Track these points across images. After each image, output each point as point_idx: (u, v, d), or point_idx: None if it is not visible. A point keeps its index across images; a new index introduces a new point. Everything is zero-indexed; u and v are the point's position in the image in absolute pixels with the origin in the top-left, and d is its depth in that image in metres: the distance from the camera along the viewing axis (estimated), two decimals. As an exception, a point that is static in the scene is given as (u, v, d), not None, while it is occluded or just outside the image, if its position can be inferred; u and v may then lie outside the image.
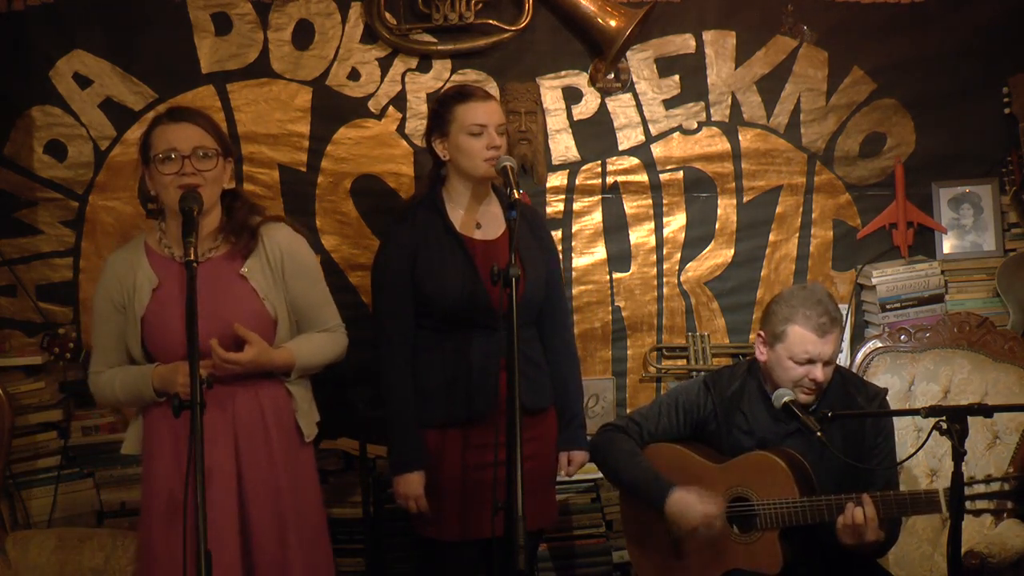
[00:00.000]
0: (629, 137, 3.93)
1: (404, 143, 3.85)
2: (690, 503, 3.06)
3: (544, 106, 3.88)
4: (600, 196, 3.94)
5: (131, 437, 2.98)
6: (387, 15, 3.77)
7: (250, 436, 2.85)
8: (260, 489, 2.84)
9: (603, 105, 3.92)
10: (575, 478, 3.47)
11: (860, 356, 3.80)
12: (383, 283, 3.17)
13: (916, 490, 2.99)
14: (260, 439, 2.86)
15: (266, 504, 2.84)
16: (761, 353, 3.14)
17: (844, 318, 3.76)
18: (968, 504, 2.72)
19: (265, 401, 2.89)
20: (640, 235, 3.96)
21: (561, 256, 3.80)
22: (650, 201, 3.96)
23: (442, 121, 3.12)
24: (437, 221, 3.14)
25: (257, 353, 2.82)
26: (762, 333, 3.14)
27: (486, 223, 3.16)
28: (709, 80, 3.94)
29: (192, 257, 2.61)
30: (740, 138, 3.97)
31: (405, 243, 3.14)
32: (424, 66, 3.83)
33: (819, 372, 3.04)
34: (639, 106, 3.92)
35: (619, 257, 3.97)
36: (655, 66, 3.91)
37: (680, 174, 3.96)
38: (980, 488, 2.78)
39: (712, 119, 3.96)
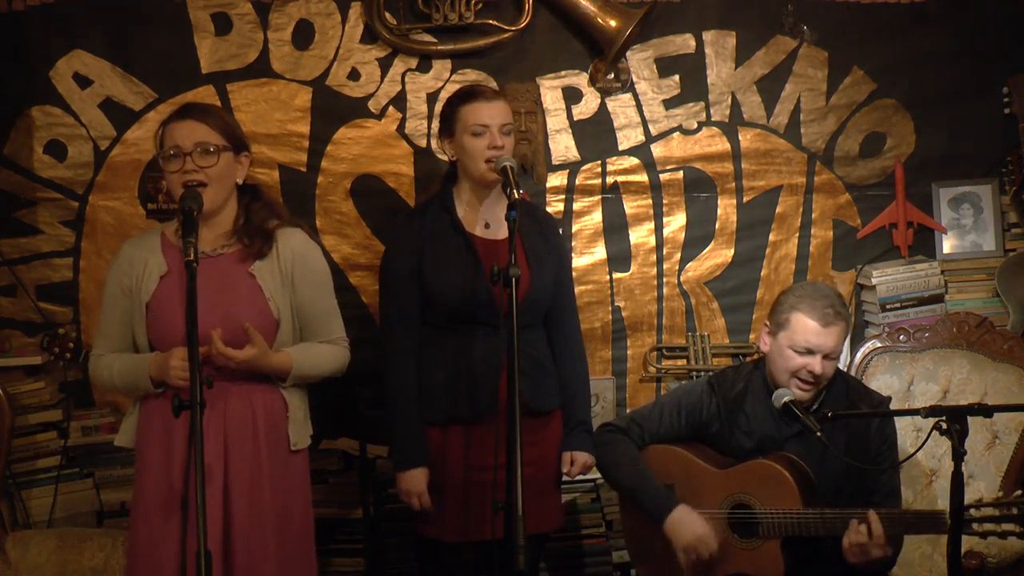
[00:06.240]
0: (629, 137, 3.94)
1: (404, 143, 3.85)
2: (689, 524, 3.05)
3: (544, 106, 3.88)
4: (600, 196, 3.94)
5: (125, 429, 2.96)
6: (387, 15, 3.77)
7: (239, 438, 2.84)
8: (244, 491, 2.83)
9: (603, 105, 3.92)
10: (576, 478, 3.46)
11: (859, 356, 3.80)
12: (390, 279, 3.19)
13: (922, 510, 3.00)
14: (249, 442, 2.85)
15: (248, 506, 2.83)
16: (764, 343, 3.15)
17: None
18: (975, 526, 2.73)
19: (258, 405, 2.88)
20: (640, 235, 3.97)
21: (562, 256, 3.80)
22: (650, 201, 3.96)
23: (448, 122, 3.15)
24: (445, 219, 3.16)
25: (255, 355, 2.80)
26: (767, 323, 3.15)
27: (494, 222, 3.17)
28: (709, 80, 3.94)
29: (192, 257, 2.60)
30: (740, 138, 3.97)
31: (413, 239, 3.16)
32: (424, 66, 3.83)
33: (817, 365, 3.03)
34: (639, 106, 3.92)
35: (619, 257, 3.97)
36: (655, 66, 3.91)
37: (680, 174, 3.96)
38: (988, 511, 2.77)
39: (712, 119, 3.96)
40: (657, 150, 3.95)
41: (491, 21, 3.78)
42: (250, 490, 2.84)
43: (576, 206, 3.93)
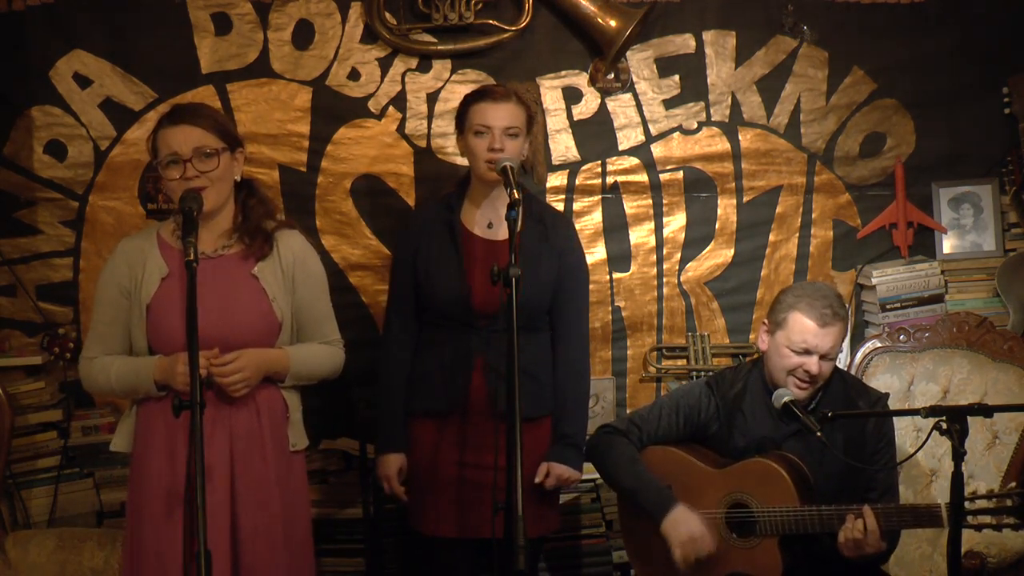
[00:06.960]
0: (629, 137, 3.93)
1: (404, 143, 3.85)
2: (685, 523, 3.05)
3: (544, 106, 3.88)
4: (600, 196, 3.94)
5: (122, 433, 2.93)
6: (387, 15, 3.77)
7: (246, 438, 2.83)
8: (251, 492, 2.82)
9: (603, 105, 3.92)
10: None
11: (859, 356, 3.80)
12: (392, 272, 3.33)
13: (918, 504, 2.99)
14: (255, 442, 2.84)
15: (256, 507, 2.82)
16: (763, 342, 3.15)
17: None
18: (970, 519, 2.73)
19: (262, 405, 2.87)
20: (640, 235, 3.96)
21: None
22: (650, 201, 3.96)
23: (460, 120, 3.20)
24: (445, 216, 3.20)
25: (247, 358, 2.79)
26: (766, 321, 3.16)
27: (496, 222, 3.18)
28: (709, 80, 3.94)
29: (192, 257, 2.59)
30: (740, 138, 3.97)
31: (412, 235, 3.25)
32: (424, 66, 3.83)
33: (814, 365, 3.03)
34: (639, 106, 3.92)
35: (619, 257, 3.97)
36: (655, 66, 3.91)
37: (680, 174, 3.96)
38: (983, 503, 2.77)
39: (712, 119, 3.95)
40: (657, 150, 3.95)
41: (491, 21, 3.78)
42: (257, 492, 2.83)
43: (576, 206, 3.93)
